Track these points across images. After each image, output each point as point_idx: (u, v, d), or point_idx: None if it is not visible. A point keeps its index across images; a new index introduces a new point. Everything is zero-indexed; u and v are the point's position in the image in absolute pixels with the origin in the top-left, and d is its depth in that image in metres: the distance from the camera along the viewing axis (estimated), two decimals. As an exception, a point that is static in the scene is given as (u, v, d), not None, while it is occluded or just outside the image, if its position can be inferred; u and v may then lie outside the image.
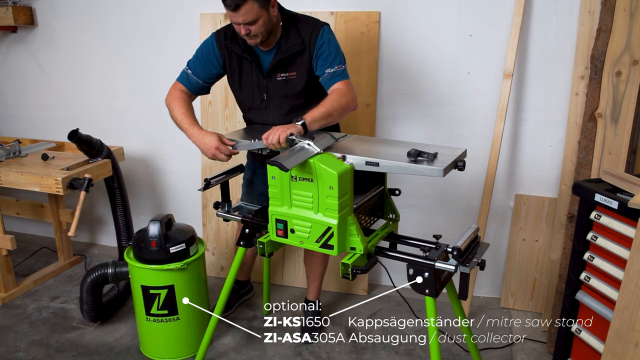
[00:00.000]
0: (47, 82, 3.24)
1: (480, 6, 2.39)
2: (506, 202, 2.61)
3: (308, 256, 2.42)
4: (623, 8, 2.09)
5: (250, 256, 2.59)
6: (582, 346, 1.87)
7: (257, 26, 1.82)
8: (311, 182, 1.58)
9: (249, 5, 1.76)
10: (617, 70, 2.12)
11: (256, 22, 1.81)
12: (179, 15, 2.82)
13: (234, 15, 1.79)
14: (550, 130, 2.45)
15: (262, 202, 2.16)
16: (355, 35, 2.51)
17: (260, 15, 1.80)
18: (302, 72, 1.98)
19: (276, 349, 2.34)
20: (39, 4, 3.08)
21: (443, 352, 2.27)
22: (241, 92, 2.08)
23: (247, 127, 2.18)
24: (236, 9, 1.76)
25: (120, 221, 2.69)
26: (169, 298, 2.16)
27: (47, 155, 2.65)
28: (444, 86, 2.53)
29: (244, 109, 2.17)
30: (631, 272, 1.53)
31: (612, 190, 1.71)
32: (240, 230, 1.99)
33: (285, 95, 2.02)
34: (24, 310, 2.67)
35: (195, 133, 1.95)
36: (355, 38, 2.52)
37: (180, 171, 3.11)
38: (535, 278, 2.59)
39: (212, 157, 1.91)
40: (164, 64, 2.94)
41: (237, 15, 1.78)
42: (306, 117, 1.76)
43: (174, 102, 2.06)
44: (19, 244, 2.76)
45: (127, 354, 2.33)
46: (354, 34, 2.52)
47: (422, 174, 1.55)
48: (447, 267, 1.55)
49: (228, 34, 2.01)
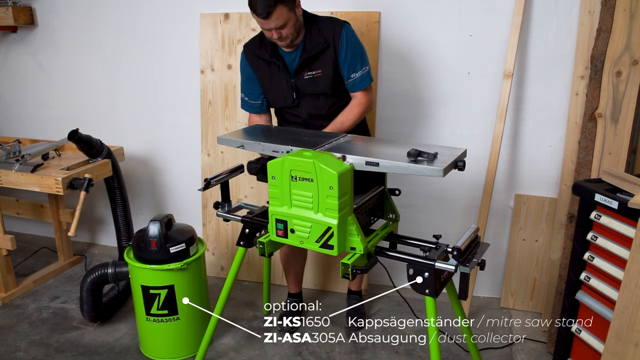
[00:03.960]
0: (47, 82, 3.24)
1: (480, 6, 2.39)
2: (506, 202, 2.61)
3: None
4: (623, 8, 2.09)
5: (301, 265, 2.57)
6: (582, 346, 1.87)
7: (287, 28, 1.92)
8: (311, 182, 1.58)
9: (278, 11, 1.86)
10: (617, 70, 2.12)
11: (286, 25, 1.91)
12: (179, 15, 2.82)
13: (265, 22, 1.88)
14: (550, 130, 2.45)
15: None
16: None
17: (289, 18, 1.90)
18: (328, 69, 2.04)
19: (276, 349, 2.34)
20: (39, 4, 3.08)
21: (443, 352, 2.27)
22: (273, 94, 2.16)
23: (246, 128, 2.18)
24: (268, 16, 1.86)
25: (120, 221, 2.69)
26: (169, 298, 2.16)
27: (48, 155, 2.65)
28: (444, 86, 2.53)
29: (277, 110, 2.26)
30: (631, 272, 1.53)
31: (612, 190, 1.71)
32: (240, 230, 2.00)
33: (314, 93, 2.10)
34: (24, 310, 2.67)
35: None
36: (355, 38, 2.52)
37: (180, 171, 3.11)
38: (535, 278, 2.59)
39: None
40: (164, 64, 2.95)
41: (269, 21, 1.87)
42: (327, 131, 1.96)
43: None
44: (19, 244, 2.76)
45: (127, 354, 2.33)
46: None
47: (422, 174, 1.55)
48: (447, 267, 1.55)
49: (255, 43, 2.11)
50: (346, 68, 2.04)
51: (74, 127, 2.46)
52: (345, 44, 2.01)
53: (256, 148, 1.85)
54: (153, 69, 2.98)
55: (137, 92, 3.06)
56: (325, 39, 2.01)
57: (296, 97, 2.12)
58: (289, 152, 1.72)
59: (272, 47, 2.06)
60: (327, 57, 2.03)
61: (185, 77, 2.90)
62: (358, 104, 2.10)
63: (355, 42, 2.05)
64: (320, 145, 1.73)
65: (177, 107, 2.99)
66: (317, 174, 1.56)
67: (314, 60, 2.03)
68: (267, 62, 2.09)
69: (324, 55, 2.03)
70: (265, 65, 2.10)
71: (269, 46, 2.06)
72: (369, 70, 2.09)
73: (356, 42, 2.05)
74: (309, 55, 2.01)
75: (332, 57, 2.02)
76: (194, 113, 2.90)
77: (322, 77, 2.05)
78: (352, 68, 2.04)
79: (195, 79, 2.85)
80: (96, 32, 3.03)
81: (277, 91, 2.13)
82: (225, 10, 2.69)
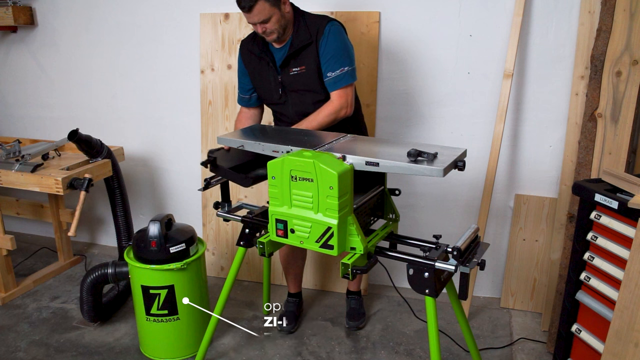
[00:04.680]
0: (47, 82, 3.24)
1: (480, 6, 2.39)
2: (506, 202, 2.61)
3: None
4: (623, 8, 2.09)
5: (301, 265, 2.57)
6: (582, 346, 1.87)
7: (271, 23, 1.95)
8: (311, 182, 1.58)
9: (260, 5, 1.90)
10: (617, 70, 2.12)
11: (270, 20, 1.94)
12: (179, 15, 2.82)
13: (249, 16, 1.94)
14: (550, 130, 2.45)
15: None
16: (355, 35, 2.51)
17: (272, 13, 1.93)
18: (311, 65, 2.04)
19: (276, 349, 2.34)
20: (39, 4, 3.08)
21: (443, 352, 2.27)
22: (262, 89, 2.19)
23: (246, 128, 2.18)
24: (250, 10, 1.91)
25: (120, 221, 2.69)
26: (169, 298, 2.16)
27: (48, 155, 2.65)
28: (444, 86, 2.53)
29: (268, 105, 2.28)
30: (631, 272, 1.53)
31: (612, 190, 1.71)
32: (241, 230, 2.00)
33: (299, 90, 2.10)
34: (24, 310, 2.67)
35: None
36: (355, 38, 2.51)
37: (180, 171, 3.11)
38: (535, 278, 2.59)
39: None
40: (164, 64, 2.95)
41: (252, 15, 1.93)
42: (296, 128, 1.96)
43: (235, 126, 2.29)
44: (19, 244, 2.76)
45: (127, 354, 2.33)
46: (354, 34, 2.51)
47: (422, 174, 1.55)
48: (447, 267, 1.55)
49: (249, 39, 2.16)
50: (324, 65, 2.02)
51: (74, 127, 2.46)
52: (326, 41, 1.99)
53: (256, 148, 1.85)
54: (153, 69, 2.98)
55: (137, 92, 3.06)
56: (310, 34, 2.01)
57: (282, 93, 2.12)
58: (289, 152, 1.72)
59: (263, 43, 2.08)
60: (311, 53, 2.02)
61: (185, 77, 2.90)
62: (329, 104, 2.04)
63: (338, 40, 2.01)
64: (320, 145, 1.73)
65: (177, 107, 2.99)
66: (317, 174, 1.56)
67: (298, 56, 2.04)
68: (258, 57, 2.12)
69: (307, 51, 2.02)
70: (256, 60, 2.13)
71: (261, 42, 2.09)
72: (350, 71, 2.03)
73: (339, 40, 2.01)
74: (294, 50, 2.02)
75: (315, 54, 2.02)
76: (194, 113, 2.90)
77: (306, 73, 2.04)
78: (329, 66, 2.01)
79: (195, 79, 2.86)
80: (96, 32, 3.03)
81: (266, 87, 2.15)
82: (225, 10, 2.69)
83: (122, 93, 3.10)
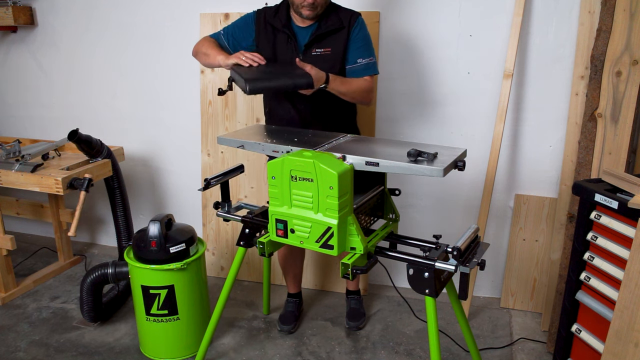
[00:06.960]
0: (47, 82, 3.24)
1: (480, 6, 2.40)
2: (506, 202, 2.61)
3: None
4: (623, 8, 2.09)
5: (299, 266, 2.57)
6: (582, 346, 1.87)
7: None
8: (311, 182, 1.58)
9: None
10: (617, 70, 2.12)
11: None
12: (179, 15, 2.83)
13: None
14: (550, 130, 2.45)
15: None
16: (355, 35, 2.51)
17: None
18: (337, 49, 2.07)
19: (276, 349, 2.34)
20: (39, 4, 3.08)
21: (443, 352, 2.27)
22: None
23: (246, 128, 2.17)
24: None
25: (120, 221, 2.69)
26: (169, 298, 2.16)
27: (48, 155, 2.65)
28: (444, 86, 2.53)
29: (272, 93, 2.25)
30: (631, 272, 1.53)
31: (612, 190, 1.71)
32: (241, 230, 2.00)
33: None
34: (24, 310, 2.67)
35: (221, 59, 2.08)
36: (355, 38, 2.52)
37: (180, 171, 3.11)
38: (535, 278, 2.59)
39: (238, 58, 2.03)
40: (164, 64, 2.95)
41: None
42: (331, 75, 1.96)
43: (203, 43, 2.19)
44: (19, 244, 2.76)
45: (127, 354, 2.33)
46: (354, 34, 2.52)
47: (422, 174, 1.55)
48: (447, 267, 1.55)
49: (271, 11, 2.15)
50: (355, 51, 2.07)
51: (74, 127, 2.46)
52: (359, 29, 2.07)
53: (256, 148, 1.85)
54: (153, 69, 2.98)
55: (137, 92, 3.06)
56: (341, 21, 2.06)
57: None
58: (289, 152, 1.72)
59: (286, 19, 2.10)
60: (340, 38, 2.07)
61: (185, 77, 2.90)
62: (366, 89, 2.07)
63: (368, 34, 2.11)
64: (320, 145, 1.74)
65: (177, 107, 2.99)
66: (317, 174, 1.56)
67: (326, 37, 2.07)
68: (276, 30, 2.12)
69: (337, 35, 2.06)
70: (272, 33, 2.12)
71: (284, 18, 2.10)
72: (376, 63, 2.11)
73: (368, 34, 2.11)
74: (323, 31, 2.06)
75: (345, 39, 2.06)
76: (194, 113, 2.90)
77: (330, 56, 2.07)
78: (361, 53, 2.07)
79: (195, 79, 2.86)
80: (96, 32, 3.03)
81: (280, 61, 2.13)
82: (225, 10, 2.69)
83: (122, 93, 3.10)
